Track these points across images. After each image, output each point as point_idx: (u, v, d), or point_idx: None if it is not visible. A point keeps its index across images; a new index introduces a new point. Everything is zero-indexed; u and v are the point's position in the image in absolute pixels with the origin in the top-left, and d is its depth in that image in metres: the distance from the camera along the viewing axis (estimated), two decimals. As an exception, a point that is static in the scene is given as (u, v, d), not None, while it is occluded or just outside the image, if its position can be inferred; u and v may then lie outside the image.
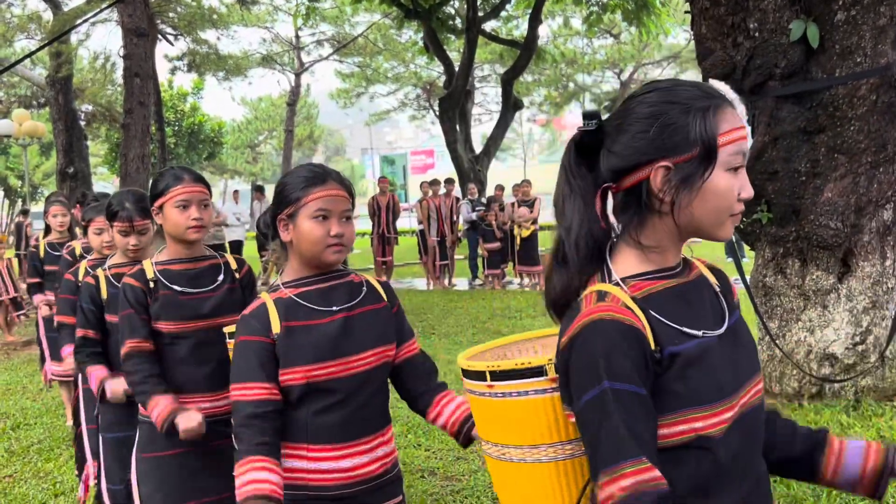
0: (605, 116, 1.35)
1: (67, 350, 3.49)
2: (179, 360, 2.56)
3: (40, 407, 6.36)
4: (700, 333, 1.26)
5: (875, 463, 1.40)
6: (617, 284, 1.28)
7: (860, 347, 4.63)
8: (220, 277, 2.63)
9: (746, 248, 5.66)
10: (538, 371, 1.48)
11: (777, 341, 4.77)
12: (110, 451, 3.12)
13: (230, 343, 2.49)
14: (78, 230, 4.93)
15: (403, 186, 27.44)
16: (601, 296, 1.27)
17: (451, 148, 17.32)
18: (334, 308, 1.94)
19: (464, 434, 1.99)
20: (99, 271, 3.13)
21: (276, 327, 1.87)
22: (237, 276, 2.70)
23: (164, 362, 2.55)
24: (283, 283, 1.96)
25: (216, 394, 2.54)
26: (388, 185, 13.68)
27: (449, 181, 13.38)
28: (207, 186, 2.64)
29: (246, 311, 1.93)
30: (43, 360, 5.85)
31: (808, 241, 4.68)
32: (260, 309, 1.91)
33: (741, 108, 1.30)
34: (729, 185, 1.25)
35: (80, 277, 3.54)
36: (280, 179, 1.99)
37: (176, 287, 2.56)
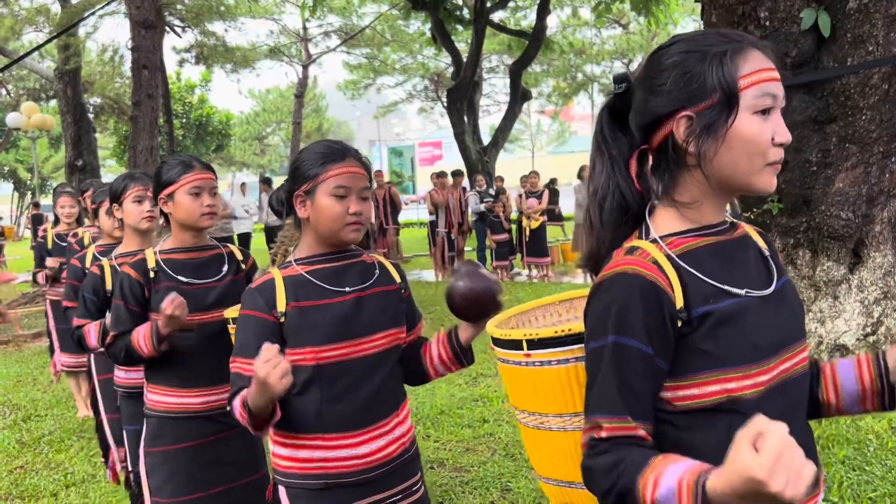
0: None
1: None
2: (183, 353, 2.50)
3: (51, 398, 6.39)
4: (742, 292, 1.23)
5: (869, 370, 1.35)
6: (654, 242, 1.25)
7: (871, 338, 4.60)
8: (225, 268, 2.59)
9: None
10: (577, 338, 1.44)
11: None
12: (132, 442, 3.09)
13: (232, 328, 2.46)
14: (87, 218, 4.87)
15: (412, 178, 27.39)
16: (631, 250, 1.25)
17: (459, 139, 17.27)
18: (347, 289, 1.90)
19: (460, 350, 1.99)
20: (105, 261, 3.07)
21: (281, 305, 1.83)
22: (242, 266, 2.66)
23: (166, 357, 2.49)
24: (295, 260, 1.92)
25: (222, 386, 2.49)
26: (383, 178, 13.96)
27: (457, 173, 13.37)
28: (214, 174, 2.61)
29: (253, 284, 1.89)
30: (52, 351, 5.83)
31: (819, 231, 4.65)
32: (267, 284, 1.87)
33: (769, 53, 1.25)
34: (758, 129, 1.20)
35: (88, 264, 3.52)
36: (297, 155, 1.95)
37: (180, 277, 2.50)
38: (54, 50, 18.31)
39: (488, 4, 17.13)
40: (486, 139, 19.19)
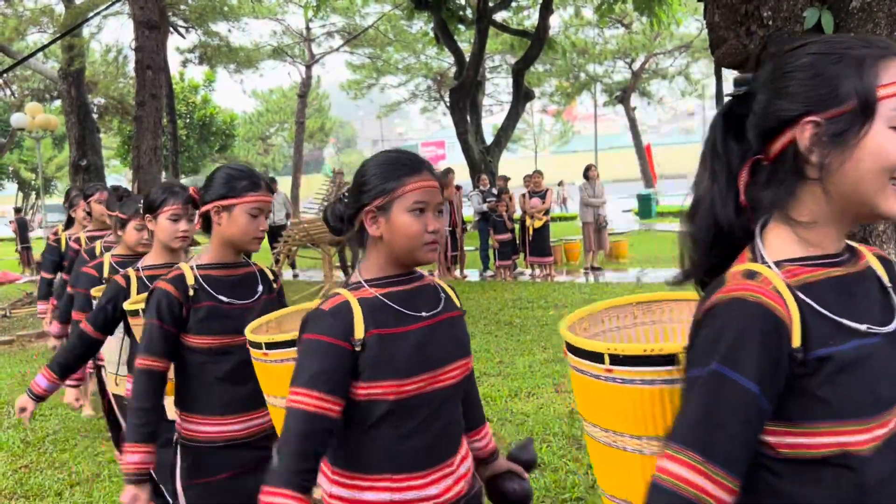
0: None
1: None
2: (218, 380, 2.30)
3: (55, 398, 6.40)
4: (864, 328, 1.10)
5: None
6: (770, 267, 1.14)
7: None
8: (260, 287, 2.42)
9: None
10: (669, 360, 1.33)
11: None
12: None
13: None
14: (106, 221, 4.49)
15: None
16: (751, 274, 1.13)
17: (462, 139, 17.29)
18: (423, 314, 1.73)
19: (488, 464, 1.99)
20: (130, 271, 2.88)
21: (359, 331, 1.63)
22: (273, 286, 2.50)
23: (198, 382, 2.30)
24: (366, 281, 1.72)
25: (256, 412, 2.33)
26: None
27: (448, 171, 13.36)
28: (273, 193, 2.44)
29: (325, 306, 1.66)
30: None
31: (821, 230, 4.65)
32: (342, 307, 1.65)
33: None
34: (893, 145, 1.07)
35: (105, 273, 3.42)
36: (364, 167, 1.76)
37: (220, 297, 2.31)
38: (58, 50, 18.36)
39: (491, 4, 17.14)
40: (488, 139, 19.21)
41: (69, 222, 5.53)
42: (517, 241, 12.60)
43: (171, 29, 19.28)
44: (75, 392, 4.09)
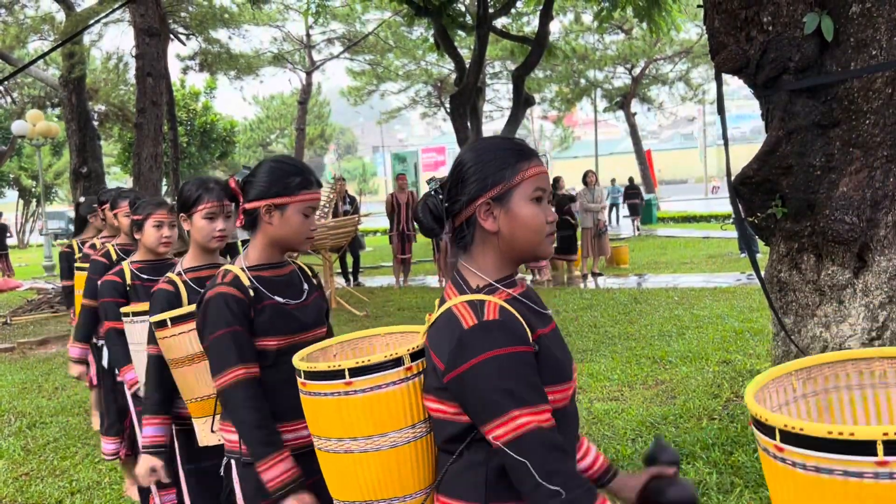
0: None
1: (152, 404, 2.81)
2: (283, 383, 2.12)
3: (56, 405, 6.40)
4: None
5: None
6: None
7: (877, 343, 4.59)
8: (306, 286, 2.30)
9: (760, 243, 5.61)
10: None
11: (792, 337, 4.74)
12: (192, 482, 2.74)
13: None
14: (118, 226, 4.31)
15: (415, 184, 27.43)
16: None
17: (463, 145, 17.28)
18: (549, 313, 1.62)
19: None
20: (174, 276, 2.70)
21: (531, 336, 1.46)
22: (315, 282, 2.39)
23: (266, 387, 2.14)
24: (496, 282, 1.55)
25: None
26: (408, 183, 13.75)
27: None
28: (320, 186, 2.28)
29: (487, 316, 1.43)
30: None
31: (823, 235, 4.64)
32: (506, 312, 1.45)
33: None
34: None
35: (128, 280, 3.31)
36: (464, 157, 1.57)
37: (277, 297, 2.18)
38: (59, 58, 18.39)
39: (491, 10, 17.16)
40: (489, 145, 19.17)
41: (77, 229, 5.41)
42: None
43: (172, 36, 19.30)
44: (80, 368, 4.20)
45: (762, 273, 4.90)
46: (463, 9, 18.53)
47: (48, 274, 19.30)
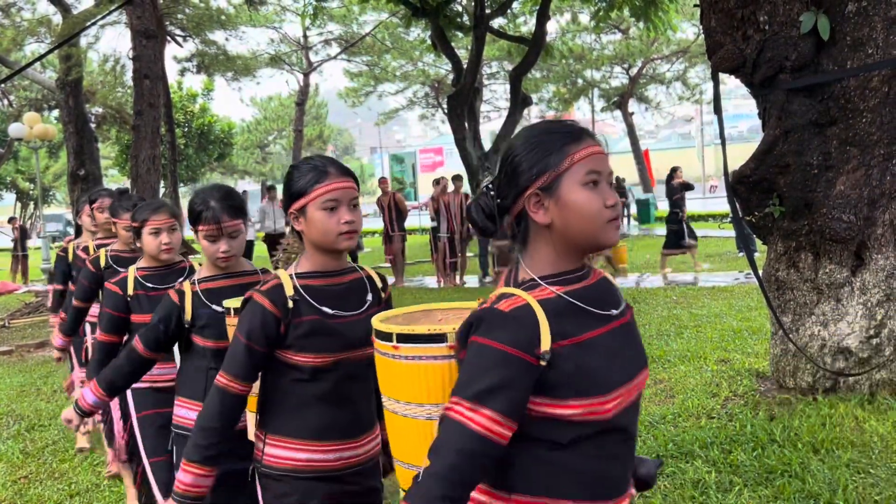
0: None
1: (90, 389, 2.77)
2: (318, 400, 2.03)
3: (54, 408, 6.39)
4: None
5: None
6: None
7: (874, 341, 4.59)
8: (369, 297, 2.12)
9: (758, 241, 5.63)
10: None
11: (790, 335, 4.75)
12: (149, 429, 2.93)
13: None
14: (112, 229, 4.18)
15: (413, 184, 27.43)
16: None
17: (460, 145, 17.28)
18: (613, 312, 1.45)
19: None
20: (186, 285, 2.59)
21: (545, 342, 1.33)
22: (382, 294, 2.20)
23: (292, 401, 2.04)
24: (540, 278, 1.42)
25: (357, 440, 2.09)
26: (388, 186, 14.20)
27: (456, 178, 13.42)
28: (356, 181, 2.09)
29: (502, 306, 1.36)
30: (71, 366, 5.27)
31: (820, 234, 4.64)
32: (524, 310, 1.35)
33: None
34: None
35: (130, 291, 3.11)
36: (511, 147, 1.47)
37: (324, 308, 2.03)
38: (56, 60, 18.38)
39: (488, 11, 17.17)
40: (487, 145, 19.20)
41: (78, 231, 5.29)
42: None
43: (169, 38, 19.30)
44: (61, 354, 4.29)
45: (760, 272, 4.91)
46: (460, 9, 18.54)
47: (46, 277, 19.28)
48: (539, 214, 1.41)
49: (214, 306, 2.52)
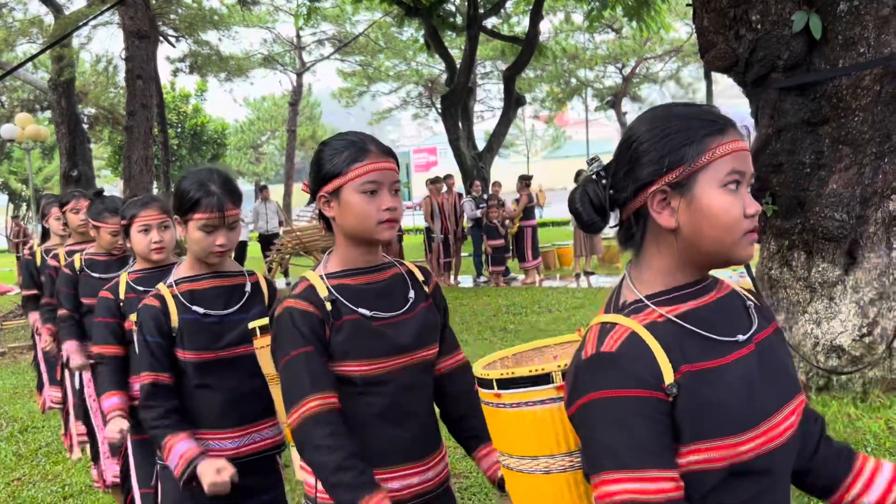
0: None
1: (113, 402, 2.72)
2: (375, 418, 1.75)
3: (54, 413, 6.37)
4: None
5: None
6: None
7: (867, 339, 4.61)
8: (412, 294, 1.84)
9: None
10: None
11: (784, 334, 4.76)
12: (142, 456, 2.76)
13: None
14: (90, 233, 3.86)
15: (407, 185, 27.43)
16: None
17: (454, 145, 17.29)
18: (740, 337, 1.21)
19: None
20: (164, 289, 2.28)
21: (668, 374, 1.12)
22: (426, 288, 1.91)
23: (351, 424, 1.71)
24: (646, 297, 1.22)
25: (424, 461, 1.82)
26: None
27: (448, 176, 13.42)
28: (397, 161, 1.83)
29: (607, 347, 1.15)
30: (41, 385, 5.01)
31: (813, 233, 4.66)
32: (633, 341, 1.15)
33: None
34: None
35: (122, 295, 2.87)
36: (633, 129, 1.24)
37: (362, 310, 1.75)
38: (48, 61, 18.31)
39: (481, 11, 17.18)
40: (480, 145, 19.22)
41: (45, 235, 4.92)
42: (510, 247, 12.71)
43: (162, 38, 19.25)
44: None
45: (753, 270, 4.92)
46: (453, 9, 18.55)
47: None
48: (664, 216, 1.19)
49: (196, 308, 2.24)
